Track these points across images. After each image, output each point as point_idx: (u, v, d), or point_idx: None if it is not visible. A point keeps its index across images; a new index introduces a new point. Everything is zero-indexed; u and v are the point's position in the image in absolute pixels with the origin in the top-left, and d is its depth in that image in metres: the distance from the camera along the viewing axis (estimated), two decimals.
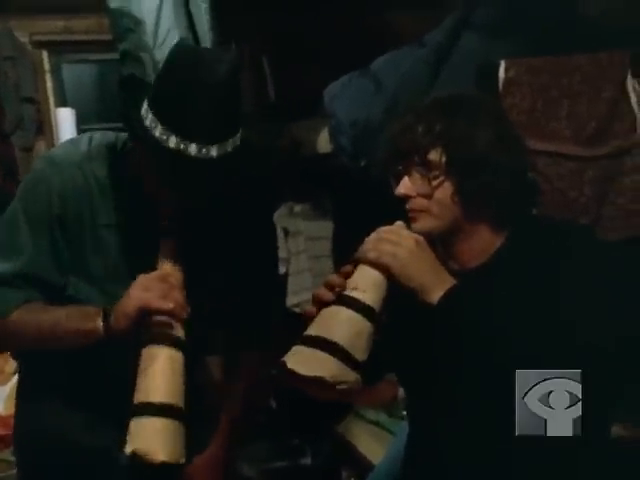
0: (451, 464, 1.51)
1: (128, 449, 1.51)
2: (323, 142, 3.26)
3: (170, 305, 1.62)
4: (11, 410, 3.32)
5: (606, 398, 1.43)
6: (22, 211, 1.76)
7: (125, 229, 1.79)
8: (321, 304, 1.43)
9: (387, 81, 2.49)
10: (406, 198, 1.50)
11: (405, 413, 3.01)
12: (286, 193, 3.85)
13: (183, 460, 1.60)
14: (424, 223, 1.49)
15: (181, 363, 1.64)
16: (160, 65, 2.82)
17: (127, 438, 1.53)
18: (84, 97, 4.49)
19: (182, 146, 1.57)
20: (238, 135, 1.64)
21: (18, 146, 4.02)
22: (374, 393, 1.75)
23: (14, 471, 2.92)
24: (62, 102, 4.27)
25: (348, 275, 1.44)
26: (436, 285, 1.41)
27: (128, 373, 1.65)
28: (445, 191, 1.48)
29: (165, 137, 1.57)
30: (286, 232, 3.77)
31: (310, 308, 1.45)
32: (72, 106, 4.22)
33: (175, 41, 2.85)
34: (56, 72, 4.25)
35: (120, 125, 1.80)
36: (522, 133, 1.91)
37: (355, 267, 1.45)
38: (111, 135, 1.86)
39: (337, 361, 1.34)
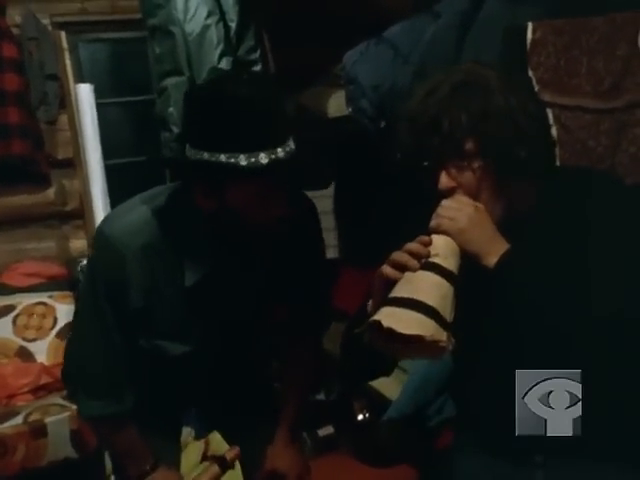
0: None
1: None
2: (333, 107, 3.25)
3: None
4: (54, 360, 3.35)
5: None
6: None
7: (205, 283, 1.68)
8: (404, 269, 1.37)
9: (406, 47, 2.48)
10: (451, 191, 1.45)
11: None
12: None
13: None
14: None
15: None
16: (190, 37, 2.84)
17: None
18: (99, 73, 4.48)
19: (252, 160, 1.48)
20: (291, 139, 1.55)
21: (43, 120, 4.00)
22: None
23: (67, 414, 2.96)
24: (80, 78, 4.22)
25: (427, 243, 1.39)
26: (491, 251, 1.38)
27: None
28: (486, 175, 1.43)
29: (233, 160, 1.47)
30: None
31: (394, 272, 1.38)
32: (89, 81, 4.17)
33: (204, 15, 2.87)
34: (74, 51, 4.21)
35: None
36: (548, 89, 1.97)
37: (429, 236, 1.41)
38: (157, 201, 1.69)
39: (433, 322, 1.29)
